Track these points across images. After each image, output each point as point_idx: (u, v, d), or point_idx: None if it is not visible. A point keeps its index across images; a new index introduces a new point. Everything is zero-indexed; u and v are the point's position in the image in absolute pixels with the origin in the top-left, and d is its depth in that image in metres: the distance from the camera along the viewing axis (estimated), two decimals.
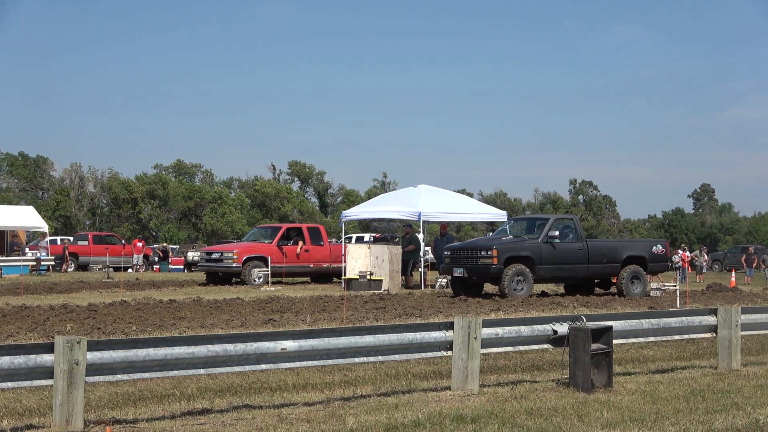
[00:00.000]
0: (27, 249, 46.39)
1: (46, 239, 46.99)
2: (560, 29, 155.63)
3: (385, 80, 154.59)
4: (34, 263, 41.11)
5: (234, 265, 31.30)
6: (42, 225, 46.89)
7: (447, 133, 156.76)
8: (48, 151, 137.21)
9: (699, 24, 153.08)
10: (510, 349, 11.64)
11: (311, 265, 33.00)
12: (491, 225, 35.53)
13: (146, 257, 51.09)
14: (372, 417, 9.17)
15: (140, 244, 50.29)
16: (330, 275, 33.27)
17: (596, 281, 27.04)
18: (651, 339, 12.87)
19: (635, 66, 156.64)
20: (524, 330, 11.40)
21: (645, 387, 11.18)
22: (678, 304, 22.63)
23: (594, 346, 10.87)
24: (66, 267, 45.32)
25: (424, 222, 31.42)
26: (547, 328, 11.52)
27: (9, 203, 68.63)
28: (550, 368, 12.98)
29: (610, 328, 11.23)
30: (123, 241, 52.54)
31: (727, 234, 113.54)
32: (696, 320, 12.96)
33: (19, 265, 39.56)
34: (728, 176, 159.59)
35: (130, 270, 47.12)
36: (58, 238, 54.23)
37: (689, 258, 45.24)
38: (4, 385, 8.53)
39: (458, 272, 25.07)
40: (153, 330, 15.76)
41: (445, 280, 28.29)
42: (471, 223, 79.50)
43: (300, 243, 32.71)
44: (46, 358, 8.50)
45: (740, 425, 8.96)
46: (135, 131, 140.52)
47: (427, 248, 35.18)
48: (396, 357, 10.74)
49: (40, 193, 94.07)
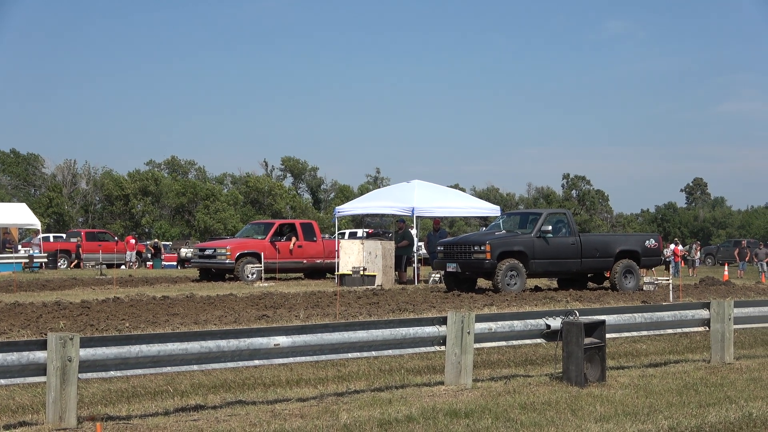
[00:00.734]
0: (20, 246, 46.30)
1: (39, 236, 46.91)
2: (552, 24, 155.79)
3: (378, 76, 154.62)
4: (27, 260, 41.03)
5: (227, 262, 31.27)
6: (35, 222, 46.80)
7: (440, 129, 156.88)
8: (40, 149, 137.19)
9: (691, 18, 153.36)
10: (503, 344, 11.65)
11: (304, 261, 32.99)
12: (484, 220, 35.55)
13: (139, 254, 51.01)
14: (365, 412, 9.16)
15: (133, 241, 50.22)
16: (323, 271, 33.26)
17: (589, 276, 27.07)
18: (644, 333, 12.88)
19: (627, 60, 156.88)
20: (517, 325, 11.41)
21: (638, 381, 11.20)
22: (671, 298, 22.67)
23: (587, 341, 10.88)
24: (75, 264, 45.58)
25: (418, 217, 31.41)
26: (541, 323, 11.53)
27: (1, 200, 68.51)
28: (544, 363, 12.99)
29: (603, 323, 11.25)
30: (116, 238, 52.47)
31: (720, 228, 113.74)
32: (689, 314, 12.98)
33: (12, 263, 39.49)
34: (721, 170, 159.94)
35: (123, 267, 47.05)
36: (51, 235, 54.12)
37: (681, 252, 45.28)
38: None
39: (451, 267, 25.07)
40: (146, 326, 15.74)
41: (439, 275, 28.30)
42: (464, 218, 79.52)
43: (293, 239, 32.68)
44: (39, 355, 8.48)
45: (733, 418, 8.97)
46: (127, 128, 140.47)
47: (420, 243, 35.19)
48: (389, 352, 10.74)
49: (33, 190, 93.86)
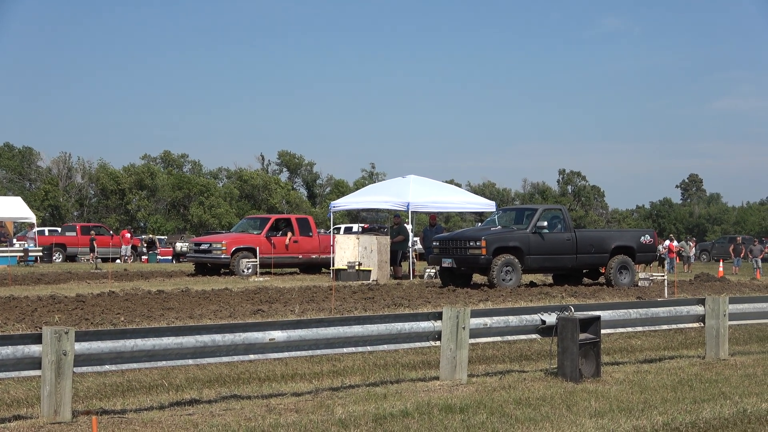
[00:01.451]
0: (15, 240, 46.23)
1: (34, 230, 46.84)
2: (548, 20, 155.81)
3: (374, 71, 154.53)
4: (22, 254, 40.96)
5: (223, 256, 31.26)
6: (30, 216, 46.70)
7: (435, 124, 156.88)
8: (35, 142, 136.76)
9: (686, 15, 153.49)
10: (498, 339, 11.66)
11: (300, 256, 32.98)
12: (480, 215, 35.55)
13: (134, 248, 50.98)
14: (360, 407, 9.17)
15: (128, 235, 50.17)
16: (319, 266, 33.25)
17: (584, 271, 27.08)
18: (639, 329, 12.90)
19: (623, 57, 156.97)
20: (512, 320, 11.42)
21: (633, 377, 11.22)
22: (666, 294, 22.69)
23: (582, 336, 10.89)
24: (92, 257, 45.78)
25: (413, 212, 31.39)
26: (536, 318, 11.54)
27: None
28: (539, 358, 13.01)
29: (598, 318, 11.26)
30: (111, 232, 52.41)
31: (715, 224, 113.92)
32: (684, 310, 12.99)
33: (7, 256, 39.41)
34: (716, 166, 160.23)
35: (118, 261, 47.02)
36: (46, 229, 54.06)
37: (677, 248, 45.32)
38: None
39: (447, 263, 25.06)
40: (141, 320, 15.72)
41: (434, 271, 28.29)
42: (459, 214, 79.57)
43: (289, 234, 32.66)
44: (34, 349, 8.47)
45: (727, 414, 8.99)
46: (123, 122, 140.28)
47: (416, 238, 35.19)
48: (384, 347, 10.74)
49: (28, 184, 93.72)
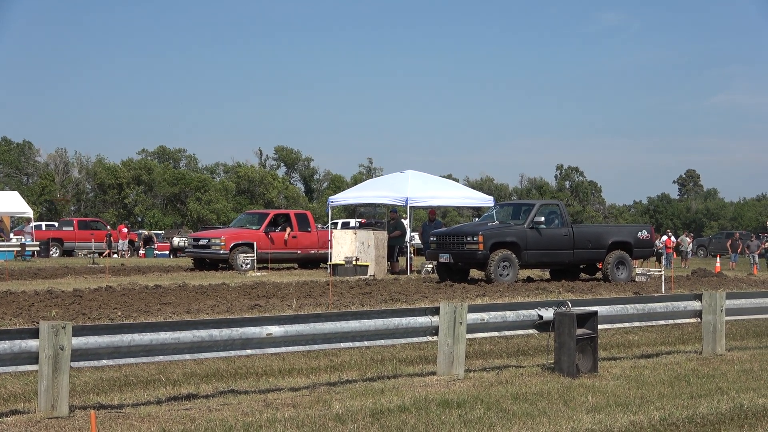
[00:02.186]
0: (12, 234, 46.19)
1: (31, 224, 46.82)
2: (546, 15, 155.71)
3: (372, 66, 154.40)
4: (19, 249, 40.93)
5: (221, 252, 31.25)
6: (27, 210, 46.67)
7: (433, 119, 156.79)
8: (32, 137, 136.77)
9: (684, 10, 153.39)
10: (495, 335, 11.66)
11: (299, 252, 32.97)
12: (477, 211, 35.54)
13: (131, 243, 50.96)
14: (358, 402, 9.17)
15: (125, 230, 50.15)
16: (318, 261, 33.23)
17: (582, 267, 27.08)
18: (636, 324, 12.90)
19: (621, 52, 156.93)
20: (510, 315, 11.42)
21: (630, 372, 11.22)
22: (663, 290, 22.71)
23: (579, 332, 10.90)
24: (109, 253, 46.11)
25: (411, 207, 31.39)
26: (533, 314, 11.54)
27: None
28: (536, 353, 13.01)
29: (596, 314, 11.27)
30: (108, 227, 52.37)
31: (712, 220, 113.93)
32: (681, 305, 13.00)
33: (4, 251, 39.38)
34: (713, 162, 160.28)
35: (116, 255, 47.00)
36: (43, 224, 54.02)
37: (674, 243, 45.33)
38: None
39: (444, 258, 25.06)
40: (138, 315, 15.72)
41: (431, 266, 28.30)
42: (457, 209, 79.58)
43: (288, 229, 32.65)
44: (31, 344, 8.47)
45: (724, 410, 8.99)
46: (120, 116, 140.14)
47: (414, 234, 35.17)
48: (382, 342, 10.75)
49: (25, 179, 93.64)
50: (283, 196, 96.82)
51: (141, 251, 51.34)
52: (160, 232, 63.15)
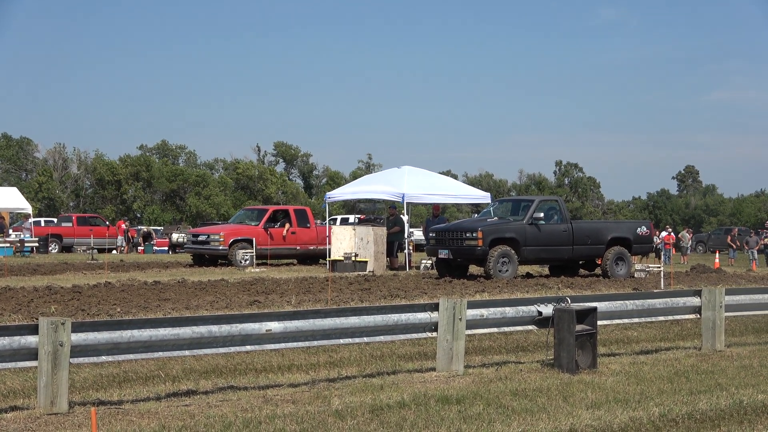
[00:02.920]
0: (11, 230, 46.14)
1: (30, 220, 46.78)
2: (544, 11, 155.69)
3: (370, 62, 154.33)
4: (18, 245, 40.89)
5: (221, 248, 31.23)
6: (26, 206, 46.62)
7: (432, 115, 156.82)
8: (31, 133, 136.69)
9: (682, 6, 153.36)
10: (495, 330, 11.66)
11: (298, 247, 32.95)
12: (476, 207, 35.54)
13: (131, 238, 50.93)
14: (357, 398, 9.17)
15: (124, 226, 50.10)
16: (317, 257, 33.22)
17: (581, 263, 27.07)
18: (635, 320, 12.91)
19: (619, 48, 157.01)
20: (509, 311, 11.42)
21: (629, 368, 11.22)
22: (662, 286, 22.70)
23: (579, 328, 10.89)
24: (126, 249, 46.17)
25: (408, 203, 31.36)
26: (532, 310, 11.54)
27: None
28: (535, 349, 13.02)
29: (595, 310, 11.27)
30: (107, 223, 52.34)
31: (712, 215, 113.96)
32: (680, 301, 13.00)
33: (3, 247, 39.34)
34: (712, 158, 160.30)
35: (115, 251, 46.97)
36: (42, 220, 53.99)
37: (674, 239, 45.32)
38: None
39: (443, 254, 25.05)
40: (137, 311, 15.71)
41: (430, 262, 28.29)
42: (456, 205, 79.57)
43: (287, 225, 32.62)
44: (31, 340, 8.46)
45: (724, 406, 9.00)
46: (119, 112, 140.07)
47: (413, 230, 35.15)
48: (381, 338, 10.75)
49: (24, 175, 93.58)
50: (282, 192, 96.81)
51: (140, 247, 51.30)
52: (159, 228, 63.09)
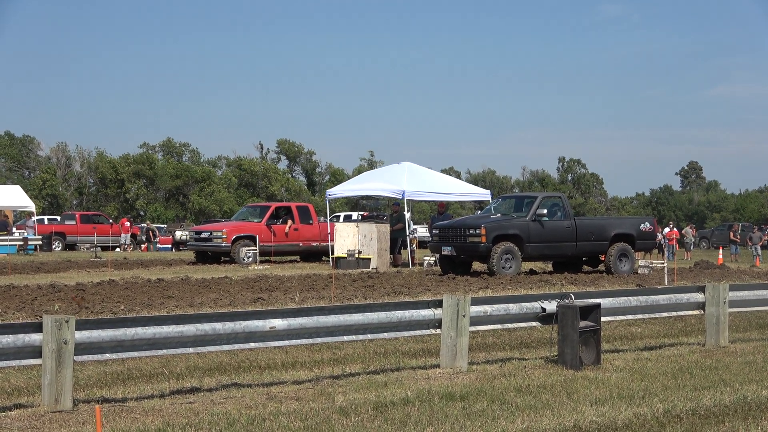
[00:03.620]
0: (14, 228, 46.19)
1: (33, 218, 46.81)
2: (546, 6, 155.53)
3: (373, 59, 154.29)
4: (22, 243, 40.93)
5: (223, 245, 31.25)
6: (29, 204, 46.67)
7: (435, 112, 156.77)
8: (34, 131, 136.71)
9: (685, 1, 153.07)
10: (498, 327, 11.65)
11: (300, 244, 32.95)
12: (479, 204, 35.53)
13: (134, 236, 50.97)
14: (361, 395, 9.17)
15: (128, 224, 50.14)
16: (320, 254, 33.22)
17: (584, 259, 27.08)
18: (639, 316, 12.89)
19: (622, 43, 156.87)
20: (513, 308, 11.41)
21: (633, 364, 11.22)
22: (666, 282, 22.69)
23: (582, 324, 10.89)
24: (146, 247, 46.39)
25: (409, 200, 31.36)
26: (536, 306, 11.54)
27: None
28: (539, 346, 13.01)
29: (599, 306, 11.26)
30: (110, 221, 52.38)
31: (715, 211, 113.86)
32: (684, 297, 12.99)
33: (7, 245, 39.39)
34: (715, 154, 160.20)
35: (118, 249, 47.00)
36: (45, 218, 54.02)
37: (677, 235, 45.27)
38: None
39: (446, 251, 25.06)
40: (141, 309, 15.72)
41: (433, 259, 28.29)
42: (460, 202, 79.55)
43: (289, 222, 32.64)
44: (35, 338, 8.47)
45: (728, 401, 8.99)
46: (121, 111, 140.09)
47: (416, 227, 35.13)
48: (385, 335, 10.74)
49: (27, 173, 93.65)
50: (285, 189, 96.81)
51: (143, 245, 51.35)
52: (162, 226, 63.13)
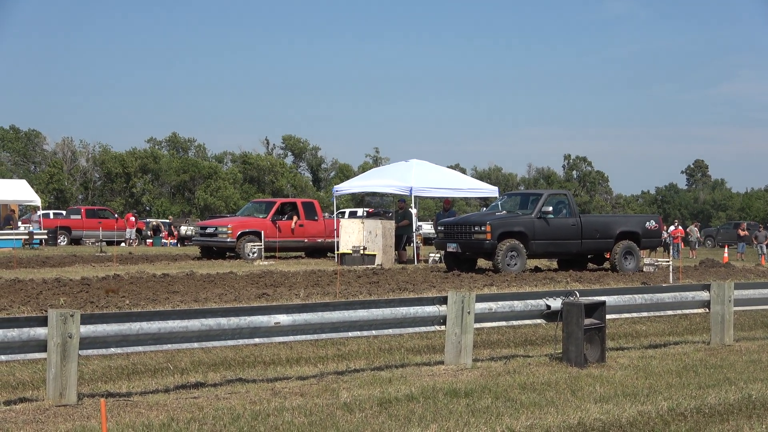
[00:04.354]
0: (20, 223, 46.28)
1: (39, 213, 46.89)
2: (553, 4, 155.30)
3: (379, 55, 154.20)
4: (27, 237, 41.00)
5: (228, 240, 31.26)
6: (35, 199, 46.75)
7: (441, 108, 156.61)
8: (40, 125, 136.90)
9: None
10: (503, 324, 11.65)
11: (306, 240, 32.95)
12: (485, 200, 35.54)
13: (139, 231, 51.04)
14: (365, 391, 9.17)
15: (133, 219, 50.20)
16: (325, 250, 33.21)
17: (589, 257, 27.04)
18: (644, 314, 12.89)
19: (628, 41, 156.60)
20: (517, 305, 11.41)
21: (638, 362, 11.21)
22: (671, 280, 22.67)
23: (587, 321, 10.88)
24: (128, 242, 46.38)
25: (416, 197, 31.36)
26: (541, 303, 11.53)
27: (2, 177, 68.41)
28: (543, 343, 13.01)
29: (604, 303, 11.25)
30: (116, 216, 52.44)
31: (720, 210, 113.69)
32: (689, 296, 12.98)
33: (12, 239, 39.45)
34: (721, 152, 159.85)
35: (123, 244, 47.07)
36: (51, 212, 54.10)
37: (682, 233, 45.23)
38: None
39: (452, 247, 25.04)
40: (146, 304, 15.74)
41: (438, 255, 28.28)
42: (465, 199, 79.55)
43: (294, 218, 32.64)
44: (40, 332, 8.48)
45: (732, 400, 8.98)
46: (127, 105, 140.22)
47: (420, 223, 35.12)
48: (389, 331, 10.75)
49: (33, 167, 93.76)
50: (291, 185, 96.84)
51: (149, 240, 51.42)
52: (167, 221, 63.24)
